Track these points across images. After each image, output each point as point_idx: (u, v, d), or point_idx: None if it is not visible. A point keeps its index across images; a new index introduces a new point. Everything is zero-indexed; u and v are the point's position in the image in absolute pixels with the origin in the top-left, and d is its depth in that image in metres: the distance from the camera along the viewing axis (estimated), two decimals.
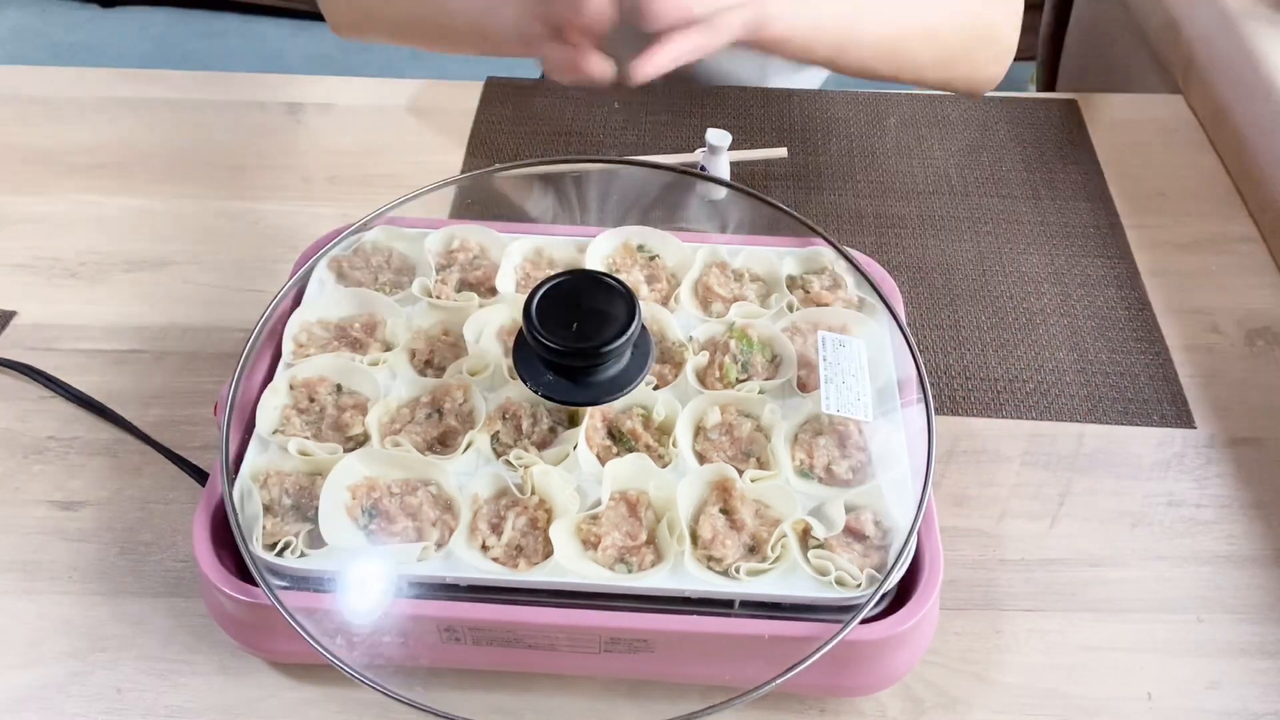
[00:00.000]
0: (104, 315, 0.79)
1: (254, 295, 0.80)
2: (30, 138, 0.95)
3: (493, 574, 0.53)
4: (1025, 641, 0.61)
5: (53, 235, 0.85)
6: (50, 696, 0.58)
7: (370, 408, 0.60)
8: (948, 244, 0.86)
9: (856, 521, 0.55)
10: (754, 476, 0.57)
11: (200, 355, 0.76)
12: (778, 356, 0.64)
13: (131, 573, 0.63)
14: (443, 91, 1.01)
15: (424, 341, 0.64)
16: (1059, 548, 0.65)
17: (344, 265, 0.68)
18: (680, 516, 0.54)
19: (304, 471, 0.58)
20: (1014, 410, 0.73)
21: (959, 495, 0.68)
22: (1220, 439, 0.71)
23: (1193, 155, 0.94)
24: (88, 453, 0.69)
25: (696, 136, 0.88)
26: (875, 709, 0.57)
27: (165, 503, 0.67)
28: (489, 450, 0.58)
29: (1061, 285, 0.83)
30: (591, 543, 0.54)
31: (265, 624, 0.54)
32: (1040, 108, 0.99)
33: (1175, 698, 0.58)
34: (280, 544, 0.54)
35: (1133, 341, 0.78)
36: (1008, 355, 0.77)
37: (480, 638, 0.53)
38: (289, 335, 0.64)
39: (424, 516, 0.55)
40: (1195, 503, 0.68)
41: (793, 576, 0.53)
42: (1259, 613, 0.62)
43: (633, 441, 0.59)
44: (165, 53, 2.53)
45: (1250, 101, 0.90)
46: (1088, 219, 0.88)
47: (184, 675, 0.59)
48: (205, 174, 0.91)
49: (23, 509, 0.66)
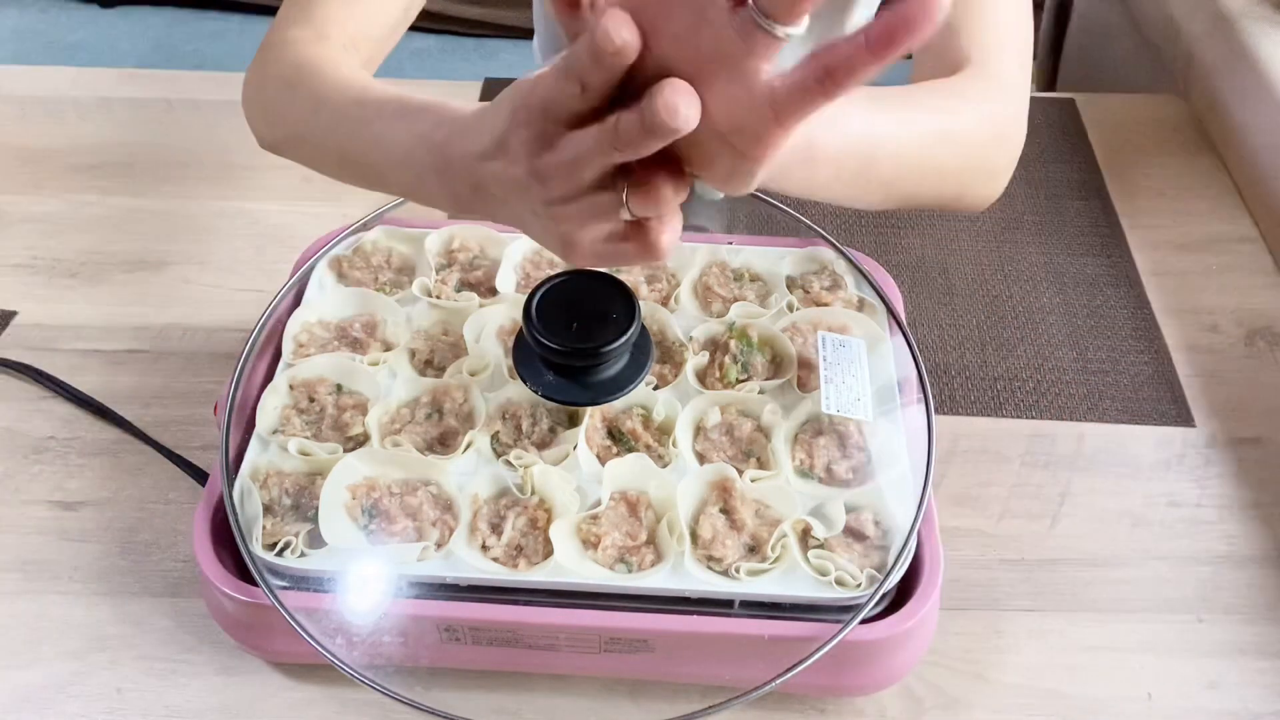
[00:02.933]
0: (104, 315, 0.79)
1: (254, 295, 0.80)
2: (30, 138, 0.95)
3: (493, 574, 0.53)
4: (1025, 641, 0.61)
5: (53, 235, 0.85)
6: (50, 696, 0.58)
7: (370, 408, 0.60)
8: (947, 243, 0.86)
9: (856, 521, 0.55)
10: (754, 476, 0.57)
11: (200, 355, 0.76)
12: (778, 356, 0.64)
13: (131, 573, 0.63)
14: (443, 91, 1.01)
15: (424, 341, 0.64)
16: (1059, 548, 0.65)
17: (344, 265, 0.68)
18: (680, 516, 0.54)
19: (304, 471, 0.58)
20: (1014, 409, 0.73)
21: (959, 495, 0.68)
22: (1220, 439, 0.71)
23: (1193, 155, 0.94)
24: (88, 453, 0.69)
25: None
26: (875, 709, 0.57)
27: (165, 503, 0.67)
28: (489, 450, 0.58)
29: (1060, 284, 0.83)
30: (591, 543, 0.54)
31: (265, 624, 0.54)
32: (1037, 107, 0.99)
33: (1175, 698, 0.58)
34: (280, 544, 0.54)
35: (1132, 339, 0.78)
36: (1007, 354, 0.77)
37: (480, 638, 0.53)
38: (289, 335, 0.64)
39: (424, 516, 0.55)
40: (1195, 503, 0.68)
41: (793, 576, 0.53)
42: (1259, 613, 0.62)
43: (633, 441, 0.59)
44: (165, 53, 2.53)
45: (1250, 101, 0.90)
46: (1086, 218, 0.88)
47: (184, 675, 0.59)
48: (205, 174, 0.91)
49: (23, 509, 0.66)
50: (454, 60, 2.42)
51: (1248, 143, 0.90)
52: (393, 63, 0.66)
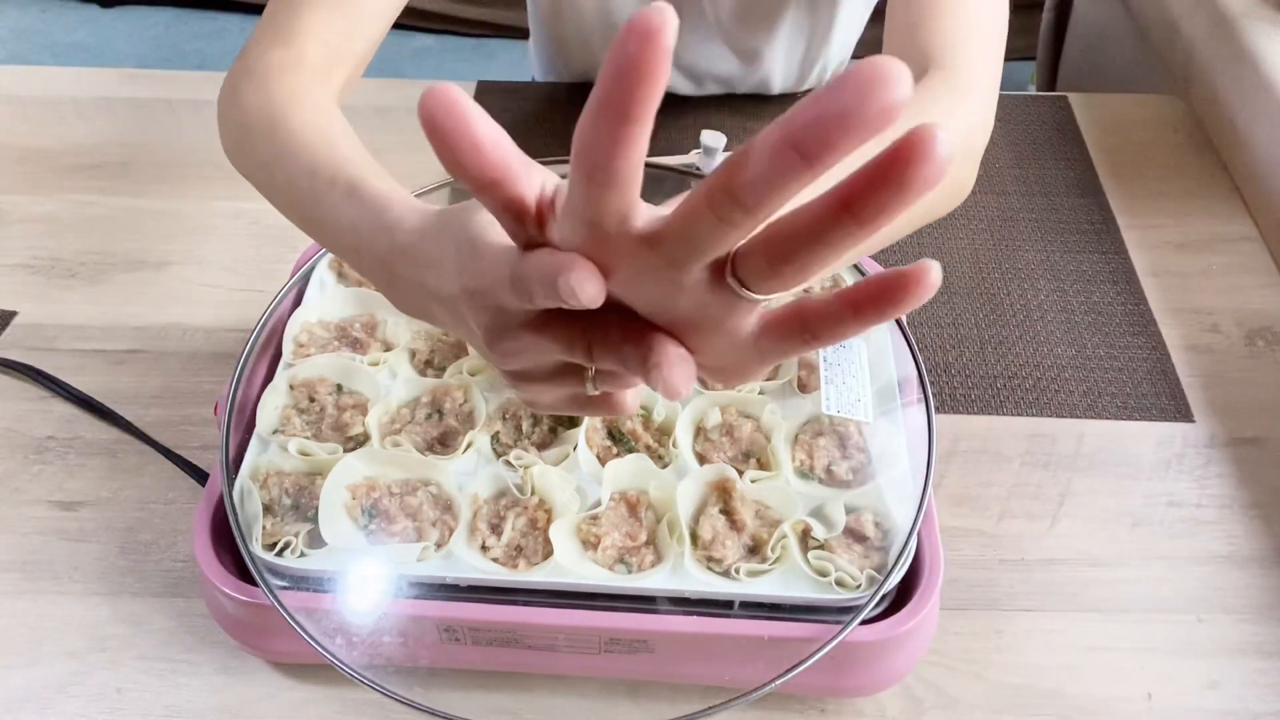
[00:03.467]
0: (104, 315, 0.79)
1: (254, 295, 0.80)
2: (30, 138, 0.95)
3: (492, 574, 0.53)
4: (1025, 641, 0.61)
5: (53, 235, 0.85)
6: (50, 696, 0.58)
7: (370, 408, 0.60)
8: (944, 241, 0.86)
9: (856, 522, 0.55)
10: (754, 477, 0.57)
11: (200, 355, 0.76)
12: None
13: (131, 573, 0.63)
14: None
15: (424, 341, 0.64)
16: (1059, 548, 0.65)
17: (344, 265, 0.68)
18: (680, 517, 0.54)
19: (304, 471, 0.58)
20: (1014, 407, 0.73)
21: (959, 495, 0.68)
22: (1220, 439, 0.71)
23: (1193, 155, 0.94)
24: (88, 453, 0.69)
25: (691, 138, 0.87)
26: (875, 709, 0.57)
27: (165, 503, 0.67)
28: (489, 450, 0.58)
29: (1058, 281, 0.83)
30: (591, 543, 0.54)
31: (265, 624, 0.54)
32: (1031, 105, 1.00)
33: (1175, 698, 0.58)
34: (280, 544, 0.54)
35: (1130, 335, 0.78)
36: (1006, 352, 0.77)
37: (480, 638, 0.53)
38: (289, 335, 0.64)
39: (424, 516, 0.55)
40: (1195, 503, 0.68)
41: (792, 577, 0.53)
42: (1259, 613, 0.62)
43: (633, 442, 0.59)
44: (165, 53, 2.53)
45: (1250, 101, 0.90)
46: (1082, 215, 0.88)
47: (184, 675, 0.59)
48: (205, 174, 0.91)
49: (23, 509, 0.66)
50: (453, 60, 2.42)
51: (1248, 142, 0.90)
52: (393, 63, 0.66)
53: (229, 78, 0.57)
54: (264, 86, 0.54)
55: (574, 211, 0.29)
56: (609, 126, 0.26)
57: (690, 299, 0.31)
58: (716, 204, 0.27)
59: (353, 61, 0.59)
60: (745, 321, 0.32)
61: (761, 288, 0.30)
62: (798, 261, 0.28)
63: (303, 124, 0.50)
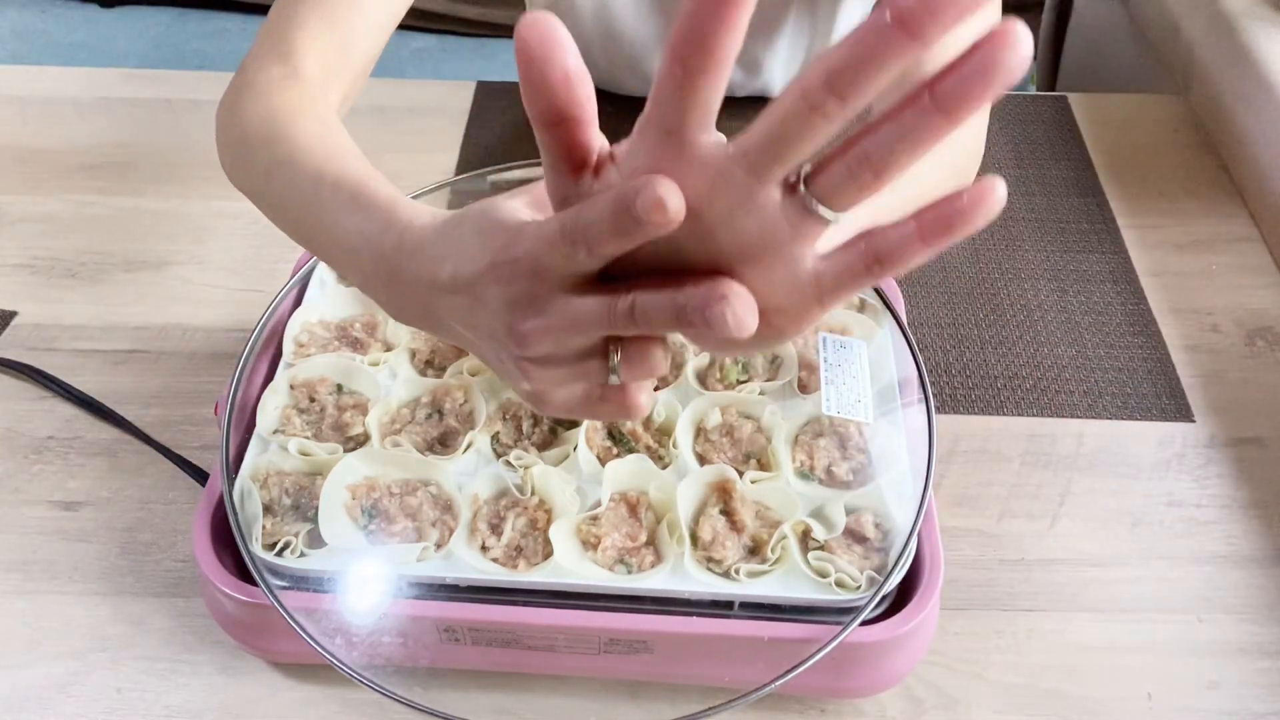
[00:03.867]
0: (104, 315, 0.79)
1: (254, 295, 0.80)
2: (30, 138, 0.95)
3: (492, 574, 0.53)
4: (1025, 641, 0.61)
5: (53, 235, 0.85)
6: (50, 696, 0.58)
7: (370, 408, 0.60)
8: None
9: (857, 523, 0.55)
10: (754, 478, 0.57)
11: (200, 355, 0.76)
12: (778, 358, 0.64)
13: (131, 573, 0.63)
14: (441, 91, 1.01)
15: (424, 341, 0.64)
16: (1059, 548, 0.65)
17: None
18: (680, 518, 0.54)
19: (304, 471, 0.58)
20: (1014, 408, 0.73)
21: (959, 495, 0.68)
22: (1220, 439, 0.71)
23: (1193, 155, 0.94)
24: (88, 453, 0.69)
25: None
26: (875, 710, 0.57)
27: (165, 503, 0.67)
28: (489, 450, 0.58)
29: (1058, 281, 0.83)
30: (591, 544, 0.54)
31: (265, 624, 0.54)
32: (1031, 105, 1.00)
33: (1175, 698, 0.58)
34: (280, 544, 0.54)
35: (1130, 335, 0.78)
36: (1006, 352, 0.77)
37: (480, 638, 0.53)
38: (289, 335, 0.64)
39: (424, 517, 0.55)
40: (1195, 503, 0.68)
41: (793, 578, 0.53)
42: (1259, 613, 0.62)
43: (633, 442, 0.59)
44: (165, 53, 2.53)
45: (1250, 101, 0.90)
46: (1081, 215, 0.88)
47: (184, 675, 0.59)
48: (205, 174, 0.91)
49: (23, 509, 0.66)
50: (453, 60, 2.42)
51: (1247, 142, 0.90)
52: (393, 63, 0.66)
53: (227, 93, 0.57)
54: (264, 99, 0.53)
55: (656, 120, 0.30)
56: (713, 5, 0.27)
57: (758, 220, 0.31)
58: (810, 94, 0.27)
59: (350, 76, 0.59)
60: (807, 251, 0.32)
61: (836, 200, 0.30)
62: (878, 162, 0.28)
63: (305, 132, 0.50)
